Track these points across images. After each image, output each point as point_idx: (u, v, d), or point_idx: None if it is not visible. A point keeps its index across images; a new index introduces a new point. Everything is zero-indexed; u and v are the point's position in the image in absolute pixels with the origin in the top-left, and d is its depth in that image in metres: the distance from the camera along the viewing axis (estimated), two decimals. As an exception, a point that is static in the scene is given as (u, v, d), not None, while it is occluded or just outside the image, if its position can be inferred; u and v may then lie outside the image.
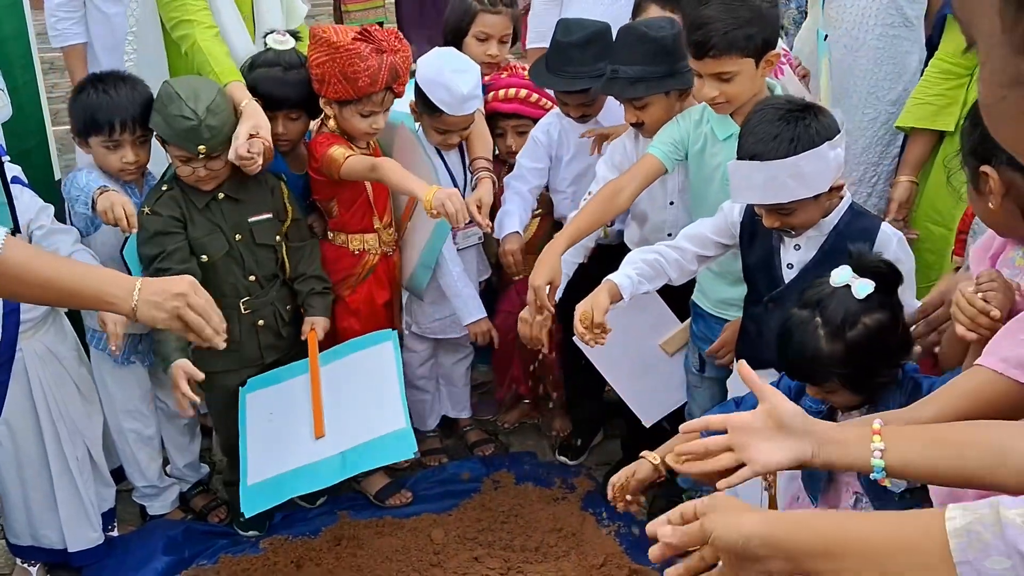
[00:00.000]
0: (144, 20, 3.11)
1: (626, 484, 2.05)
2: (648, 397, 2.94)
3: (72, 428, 2.77)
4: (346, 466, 2.55)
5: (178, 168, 2.68)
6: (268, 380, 2.87)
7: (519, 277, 3.09)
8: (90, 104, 2.65)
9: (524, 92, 3.07)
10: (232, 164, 2.63)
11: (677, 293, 2.81)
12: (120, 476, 3.12)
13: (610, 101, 2.99)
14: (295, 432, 2.68)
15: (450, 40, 3.16)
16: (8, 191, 2.46)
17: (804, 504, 2.41)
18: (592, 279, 2.44)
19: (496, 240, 3.06)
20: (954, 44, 2.90)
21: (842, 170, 2.17)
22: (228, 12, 2.98)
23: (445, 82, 2.82)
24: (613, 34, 2.82)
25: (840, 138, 2.11)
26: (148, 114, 2.66)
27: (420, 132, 3.00)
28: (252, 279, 2.81)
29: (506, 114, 3.12)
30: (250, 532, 3.07)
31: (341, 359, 2.82)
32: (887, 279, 1.87)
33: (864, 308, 1.81)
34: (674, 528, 1.21)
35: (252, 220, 2.78)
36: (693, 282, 2.78)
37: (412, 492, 3.23)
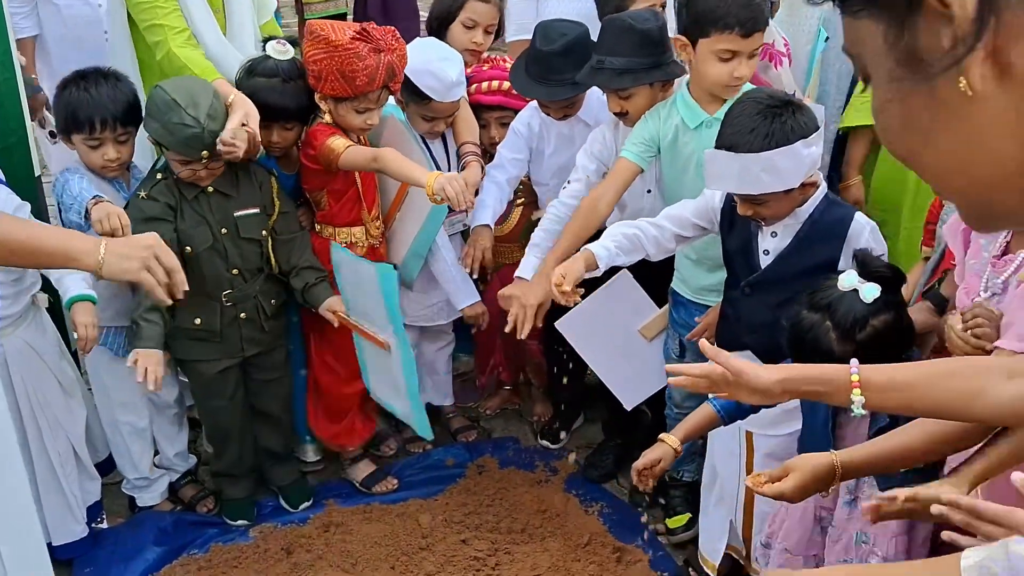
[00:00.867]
0: (113, 11, 3.17)
1: (651, 470, 2.19)
2: (629, 381, 3.02)
3: (54, 423, 2.79)
4: (402, 337, 2.74)
5: (179, 171, 2.70)
6: (365, 374, 3.02)
7: (496, 266, 3.19)
8: (71, 102, 2.67)
9: (507, 84, 3.11)
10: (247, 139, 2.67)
11: (656, 281, 2.89)
12: (107, 469, 3.15)
13: (589, 96, 3.04)
14: (387, 366, 2.84)
15: (435, 26, 3.20)
16: None
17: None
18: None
19: None
20: None
21: (816, 167, 2.23)
22: (198, 6, 2.98)
23: (433, 70, 2.87)
24: (592, 33, 2.87)
25: (817, 136, 2.17)
26: (131, 112, 2.68)
27: (407, 123, 3.04)
28: (235, 272, 2.85)
29: (489, 106, 3.16)
30: (239, 521, 3.11)
31: (348, 304, 2.89)
32: (891, 281, 1.97)
33: (872, 311, 1.91)
34: None
35: (238, 214, 2.81)
36: (671, 270, 2.87)
37: (398, 479, 3.28)
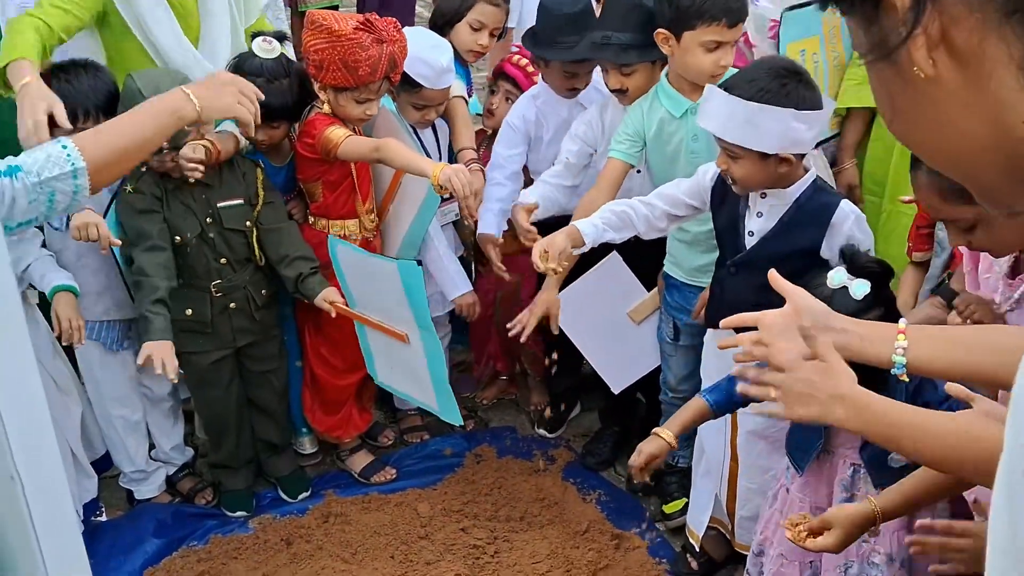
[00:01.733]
0: None
1: (647, 465, 2.20)
2: (617, 365, 3.04)
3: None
4: (429, 331, 2.70)
5: (150, 160, 2.69)
6: (368, 359, 3.00)
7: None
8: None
9: (525, 61, 3.16)
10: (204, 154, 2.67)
11: (647, 265, 2.91)
12: (105, 464, 3.15)
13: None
14: (404, 357, 2.81)
15: (439, 23, 3.19)
16: None
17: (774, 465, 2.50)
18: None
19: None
20: None
21: (799, 148, 2.22)
22: (157, 18, 2.85)
23: (424, 57, 2.89)
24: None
25: (811, 117, 2.17)
26: (112, 103, 2.66)
27: (398, 113, 3.05)
28: (223, 262, 2.85)
29: (507, 76, 3.20)
30: (238, 512, 3.12)
31: (351, 294, 2.88)
32: (879, 277, 1.97)
33: (862, 307, 1.90)
34: None
35: (221, 205, 2.81)
36: (662, 255, 2.88)
37: (396, 469, 3.30)
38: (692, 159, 2.64)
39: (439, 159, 3.14)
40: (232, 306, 2.90)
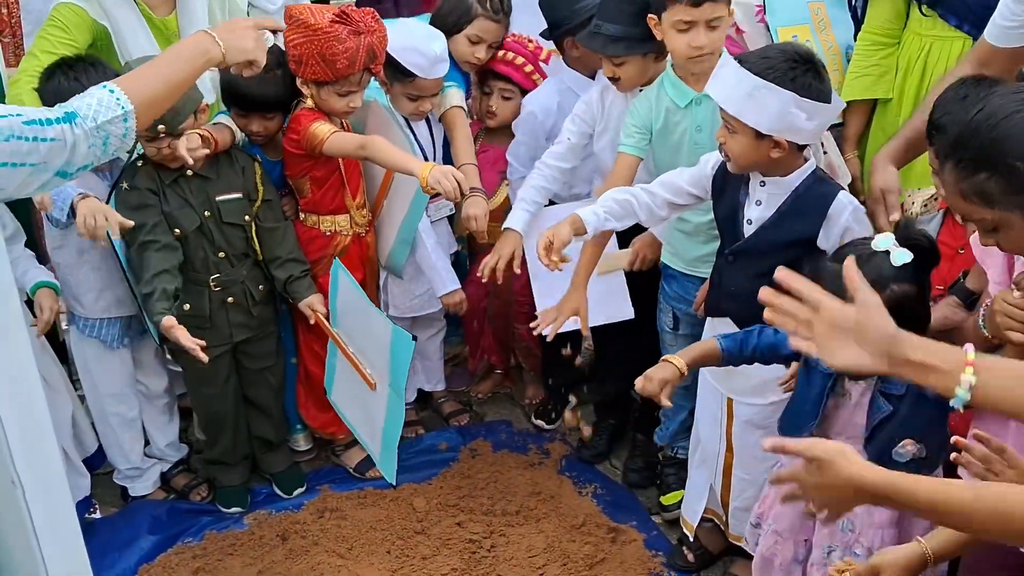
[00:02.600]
0: None
1: (660, 390, 2.13)
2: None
3: None
4: (399, 393, 2.65)
5: (144, 147, 2.70)
6: (329, 375, 2.97)
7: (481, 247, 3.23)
8: (61, 91, 2.61)
9: (522, 60, 3.12)
10: (201, 142, 2.67)
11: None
12: (96, 462, 3.14)
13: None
14: (365, 398, 2.78)
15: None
16: None
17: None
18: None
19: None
20: (880, 16, 3.01)
21: (794, 135, 2.21)
22: (136, 35, 2.85)
23: (417, 46, 2.88)
24: None
25: (813, 107, 2.16)
26: None
27: (392, 107, 3.03)
28: (222, 256, 2.84)
29: (499, 75, 3.16)
30: (233, 508, 3.11)
31: (336, 317, 2.86)
32: (926, 254, 1.94)
33: (896, 275, 1.87)
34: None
35: (220, 199, 2.81)
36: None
37: (391, 463, 3.29)
38: (695, 150, 2.63)
39: (433, 154, 3.12)
40: (230, 300, 2.88)
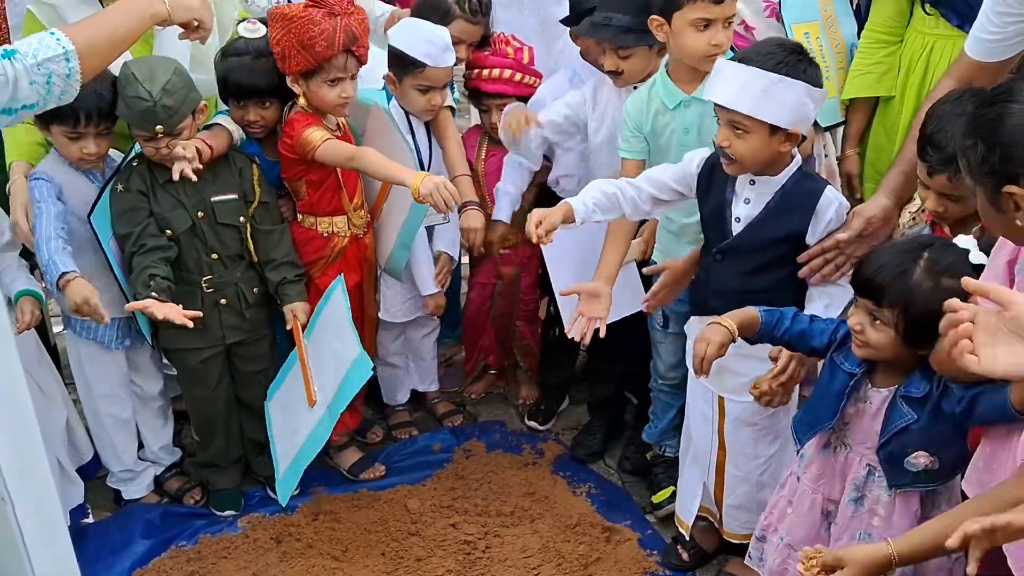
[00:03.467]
0: None
1: (709, 350, 2.13)
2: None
3: None
4: (332, 416, 2.65)
5: (143, 147, 2.70)
6: (277, 382, 2.95)
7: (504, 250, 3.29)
8: None
9: (508, 72, 3.10)
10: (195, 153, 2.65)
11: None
12: (92, 470, 3.14)
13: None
14: (299, 412, 2.77)
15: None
16: None
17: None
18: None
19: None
20: (884, 14, 3.01)
21: (805, 125, 2.25)
22: None
23: (425, 35, 2.89)
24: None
25: (819, 95, 2.22)
26: (113, 105, 2.64)
27: (393, 112, 3.02)
28: (215, 257, 2.83)
29: (490, 92, 3.14)
30: (227, 512, 3.11)
31: (314, 328, 2.85)
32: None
33: (970, 270, 1.86)
34: None
35: (215, 199, 2.80)
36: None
37: (385, 465, 3.28)
38: (682, 152, 2.62)
39: (430, 157, 3.11)
40: (223, 302, 2.87)
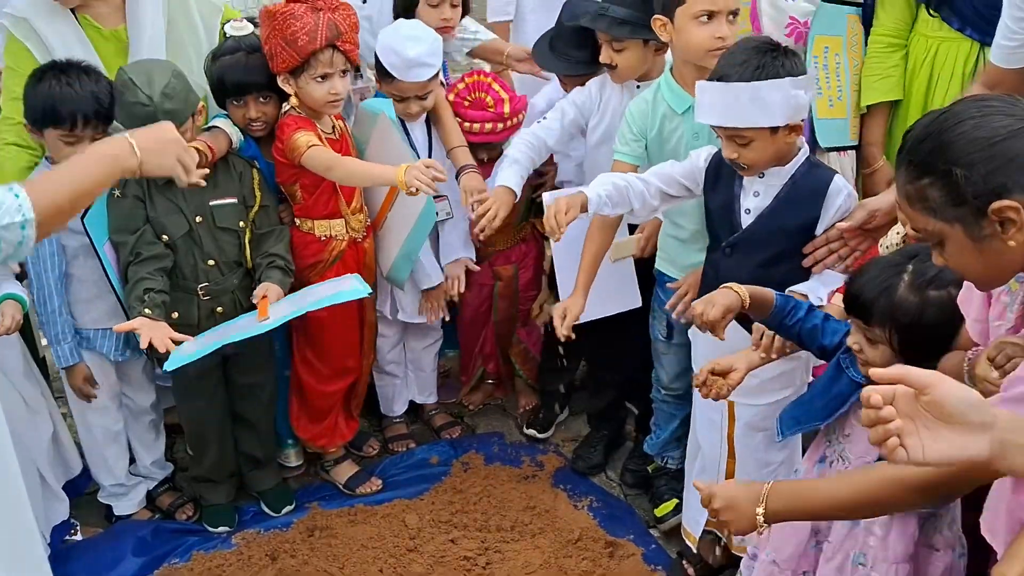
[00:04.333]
0: None
1: (708, 311, 2.07)
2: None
3: (16, 441, 2.68)
4: (294, 310, 2.59)
5: None
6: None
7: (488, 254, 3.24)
8: (52, 95, 2.53)
9: (490, 125, 3.06)
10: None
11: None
12: (82, 484, 3.08)
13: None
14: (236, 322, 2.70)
15: (401, 9, 3.12)
16: None
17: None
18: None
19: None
20: (892, 16, 2.97)
21: (802, 114, 2.24)
22: (73, 47, 2.74)
23: (395, 46, 2.85)
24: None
25: (805, 80, 2.20)
26: (109, 108, 2.59)
27: (397, 122, 2.98)
28: (211, 264, 2.77)
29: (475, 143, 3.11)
30: (220, 528, 3.03)
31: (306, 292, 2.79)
32: None
33: (956, 281, 1.80)
34: None
35: (214, 203, 2.74)
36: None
37: (382, 479, 3.22)
38: None
39: (428, 155, 3.06)
40: (219, 310, 2.81)
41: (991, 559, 1.64)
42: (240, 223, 2.79)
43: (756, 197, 2.36)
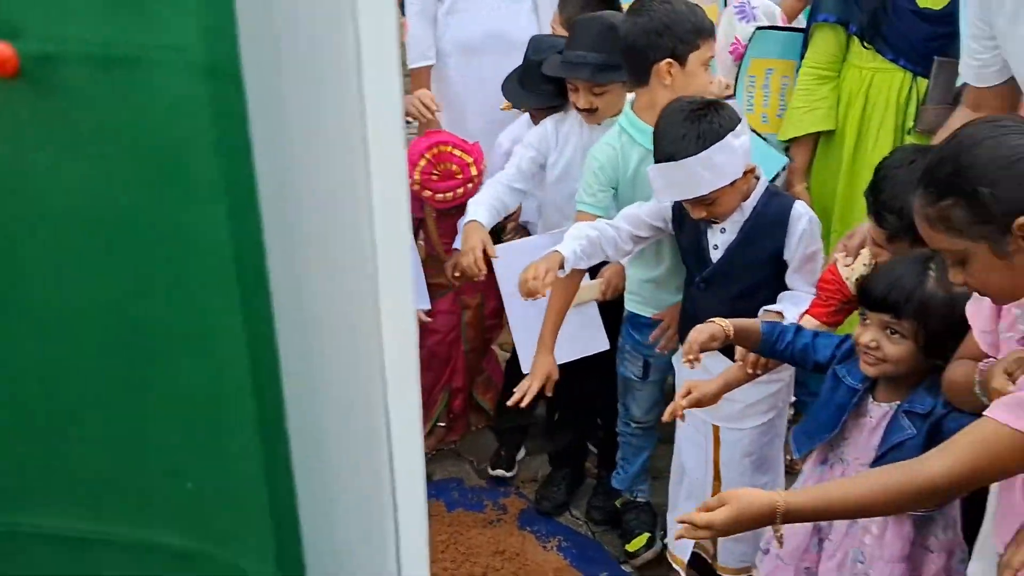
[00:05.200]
0: None
1: (702, 347, 2.11)
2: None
3: None
4: None
5: None
6: None
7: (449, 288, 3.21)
8: None
9: (461, 190, 3.03)
10: None
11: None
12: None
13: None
14: None
15: None
16: None
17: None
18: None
19: None
20: (822, 49, 3.07)
21: (749, 156, 2.31)
22: None
23: None
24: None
25: (742, 127, 2.27)
26: None
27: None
28: None
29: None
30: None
31: None
32: None
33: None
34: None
35: None
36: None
37: (341, 535, 3.10)
38: None
39: None
40: None
41: None
42: None
43: (723, 233, 2.40)
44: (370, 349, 0.93)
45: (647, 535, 2.97)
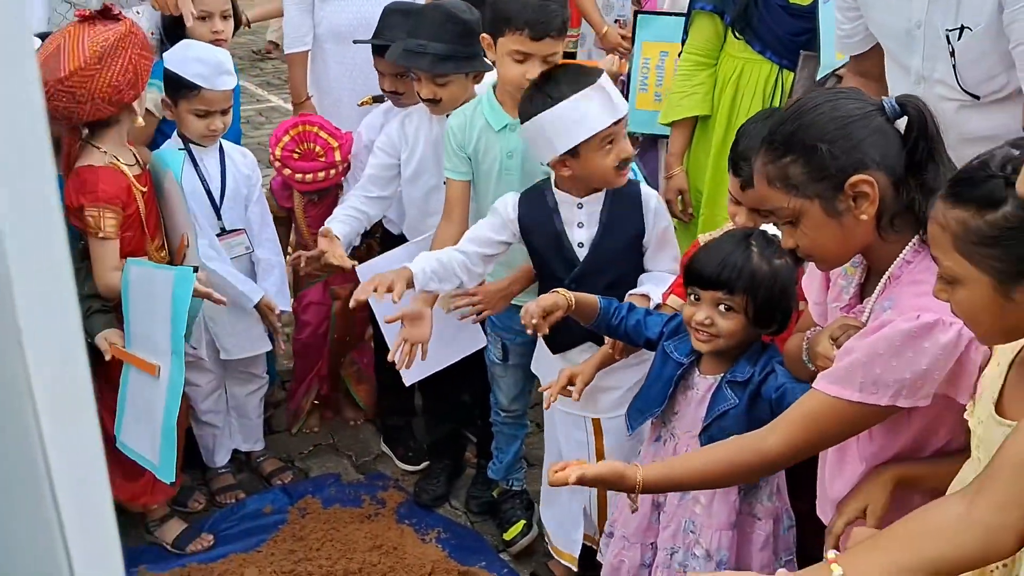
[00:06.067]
0: None
1: (544, 316, 2.13)
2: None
3: None
4: (179, 357, 2.45)
5: None
6: (120, 413, 2.65)
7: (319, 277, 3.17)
8: None
9: (322, 174, 2.99)
10: None
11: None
12: None
13: None
14: (149, 402, 2.54)
15: (169, 24, 3.06)
16: None
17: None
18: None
19: None
20: (701, 37, 3.13)
21: (571, 140, 2.23)
22: None
23: (197, 55, 2.76)
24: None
25: (576, 99, 2.21)
26: None
27: (177, 144, 2.86)
28: None
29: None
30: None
31: (130, 332, 2.60)
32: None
33: (786, 251, 1.91)
34: None
35: None
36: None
37: (212, 534, 3.00)
38: (506, 176, 2.62)
39: (222, 188, 2.92)
40: None
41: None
42: None
43: (581, 228, 2.38)
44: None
45: (523, 522, 2.96)
